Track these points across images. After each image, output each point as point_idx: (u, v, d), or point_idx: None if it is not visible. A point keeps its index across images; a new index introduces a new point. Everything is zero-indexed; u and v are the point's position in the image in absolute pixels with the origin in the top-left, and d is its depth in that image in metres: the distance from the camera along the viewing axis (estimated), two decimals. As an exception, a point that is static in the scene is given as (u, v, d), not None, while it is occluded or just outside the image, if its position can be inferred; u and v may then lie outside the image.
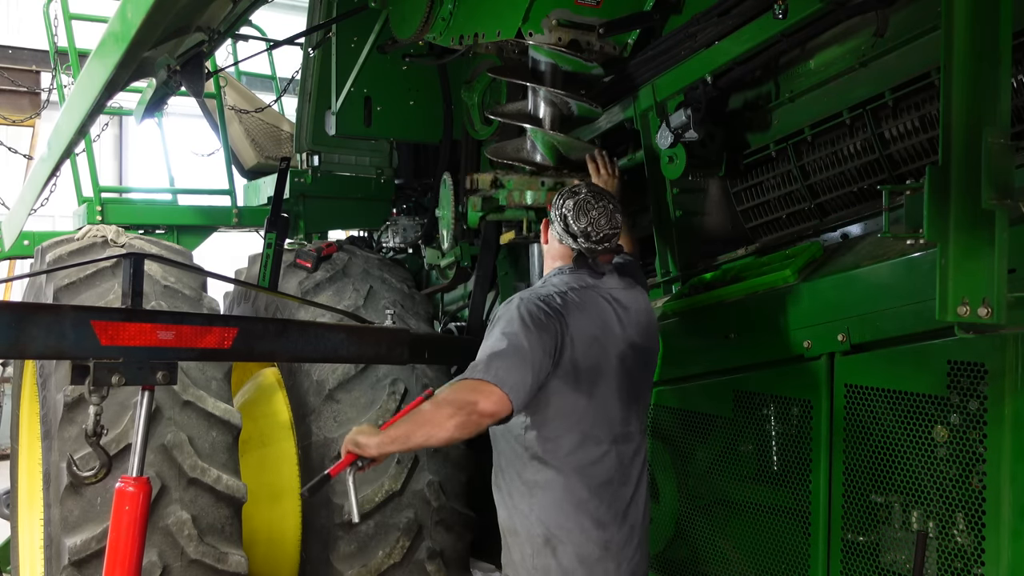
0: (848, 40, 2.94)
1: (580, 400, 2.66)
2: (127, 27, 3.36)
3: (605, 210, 2.79)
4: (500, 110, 3.88)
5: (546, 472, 2.65)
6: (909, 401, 2.38)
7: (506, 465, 2.74)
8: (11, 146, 8.70)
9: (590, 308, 2.73)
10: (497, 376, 2.48)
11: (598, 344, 2.69)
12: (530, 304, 2.63)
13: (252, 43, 6.30)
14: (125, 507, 2.45)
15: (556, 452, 2.65)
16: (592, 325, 2.70)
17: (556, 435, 2.65)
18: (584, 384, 2.66)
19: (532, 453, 2.67)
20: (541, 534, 2.65)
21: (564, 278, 2.79)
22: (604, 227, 2.77)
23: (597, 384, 2.68)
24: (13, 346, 2.32)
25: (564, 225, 2.80)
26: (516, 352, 2.52)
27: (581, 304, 2.71)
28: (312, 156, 5.34)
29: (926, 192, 1.90)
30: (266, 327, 2.80)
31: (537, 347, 2.55)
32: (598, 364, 2.68)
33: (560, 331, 2.61)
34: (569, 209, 2.80)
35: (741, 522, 2.94)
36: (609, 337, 2.72)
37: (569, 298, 2.70)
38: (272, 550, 4.15)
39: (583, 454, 2.66)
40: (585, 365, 2.65)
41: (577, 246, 2.78)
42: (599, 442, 2.68)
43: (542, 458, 2.65)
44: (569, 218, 2.79)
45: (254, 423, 4.23)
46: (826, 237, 3.05)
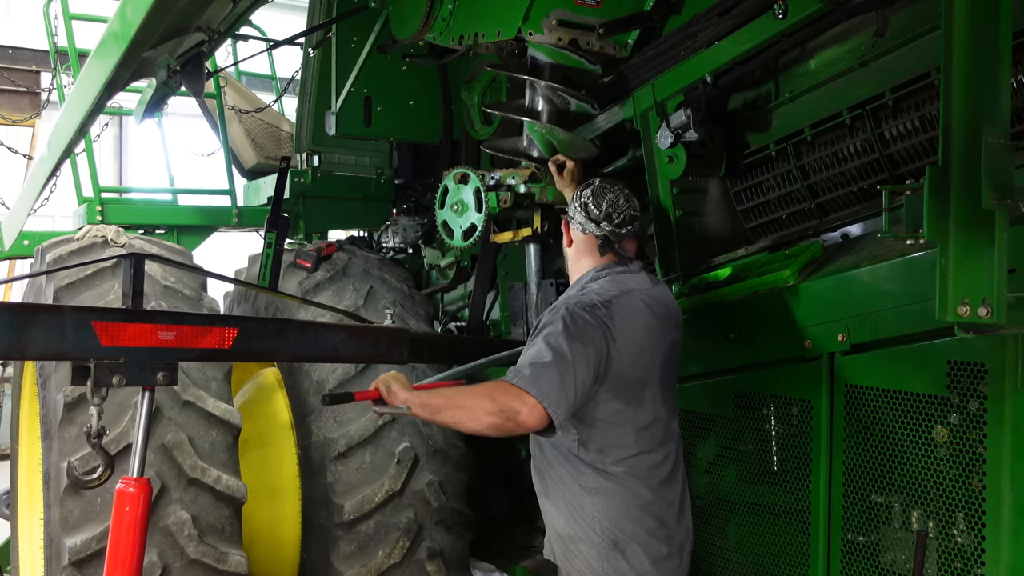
0: (848, 40, 2.94)
1: (629, 410, 2.65)
2: (127, 27, 3.36)
3: (622, 192, 2.84)
4: (498, 106, 3.87)
5: (606, 480, 2.65)
6: (909, 401, 2.38)
7: (560, 474, 2.71)
8: (11, 146, 8.70)
9: (635, 317, 2.71)
10: (541, 390, 2.49)
11: (645, 353, 2.69)
12: (576, 316, 2.62)
13: (252, 43, 6.30)
14: (126, 508, 2.44)
15: (613, 461, 2.65)
16: (639, 334, 2.69)
17: (610, 446, 2.65)
18: (633, 393, 2.66)
19: (588, 463, 2.66)
20: (609, 539, 2.64)
21: (604, 283, 2.78)
22: (624, 207, 2.81)
23: (645, 391, 2.68)
24: (14, 347, 2.31)
25: (586, 212, 2.84)
26: (560, 366, 2.52)
27: (626, 313, 2.69)
28: (312, 156, 5.34)
29: (926, 192, 1.90)
30: (266, 327, 2.79)
31: (582, 362, 2.54)
32: (645, 372, 2.69)
33: (607, 345, 2.59)
34: (588, 197, 2.85)
35: (741, 522, 2.94)
36: (654, 343, 2.73)
37: (615, 308, 2.68)
38: (272, 550, 4.15)
39: (640, 460, 2.66)
40: (633, 375, 2.65)
41: (601, 231, 2.81)
42: (653, 446, 2.69)
43: (600, 468, 2.65)
44: (590, 204, 2.83)
45: (254, 423, 4.23)
46: (826, 237, 3.05)
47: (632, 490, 2.65)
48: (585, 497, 2.67)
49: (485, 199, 3.40)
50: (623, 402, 2.64)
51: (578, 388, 2.53)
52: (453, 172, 3.55)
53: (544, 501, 2.80)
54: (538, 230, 3.58)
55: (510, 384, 2.51)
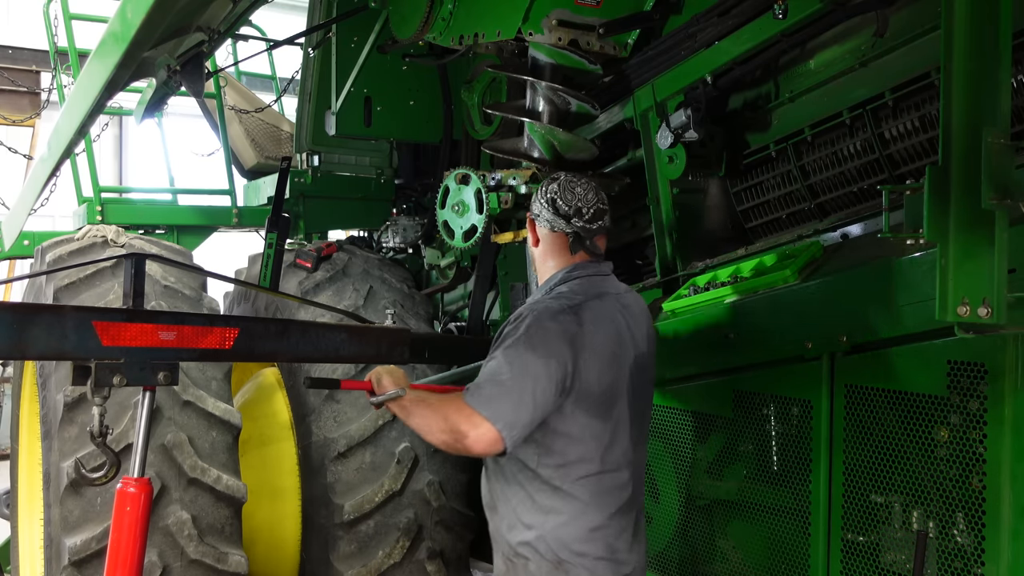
0: (848, 40, 2.94)
1: (596, 424, 2.50)
2: (127, 27, 3.36)
3: (590, 186, 2.66)
4: (499, 106, 3.87)
5: (560, 498, 2.50)
6: (909, 401, 2.38)
7: (513, 488, 2.55)
8: (11, 146, 8.70)
9: (607, 323, 2.55)
10: (494, 411, 2.36)
11: (616, 362, 2.54)
12: (540, 325, 2.46)
13: (252, 43, 6.30)
14: (126, 508, 2.44)
15: (571, 478, 2.49)
16: (610, 341, 2.53)
17: (572, 462, 2.49)
18: (602, 406, 2.50)
19: (545, 479, 2.50)
20: (552, 560, 2.50)
21: (574, 285, 2.61)
22: (594, 201, 2.64)
23: (615, 404, 2.53)
24: (14, 347, 2.32)
25: (553, 209, 2.64)
26: (520, 382, 2.38)
27: (598, 319, 2.53)
28: (312, 156, 5.35)
29: (926, 192, 1.90)
30: (267, 327, 2.79)
31: (543, 377, 2.39)
32: (615, 383, 2.53)
33: (573, 355, 2.43)
34: (555, 192, 2.65)
35: (741, 522, 2.94)
36: (624, 352, 2.57)
37: (585, 314, 2.51)
38: (272, 550, 4.15)
39: (601, 480, 2.51)
40: (602, 387, 2.50)
41: (571, 228, 2.62)
42: (617, 467, 2.54)
43: (557, 485, 2.49)
44: (557, 199, 2.63)
45: (254, 423, 4.23)
46: (826, 237, 3.05)
47: (586, 512, 2.50)
48: (536, 515, 2.51)
49: (486, 200, 3.40)
50: (590, 415, 2.48)
51: (537, 407, 2.39)
52: (454, 173, 3.55)
53: (492, 515, 2.64)
54: (538, 230, 3.58)
55: (465, 403, 2.38)
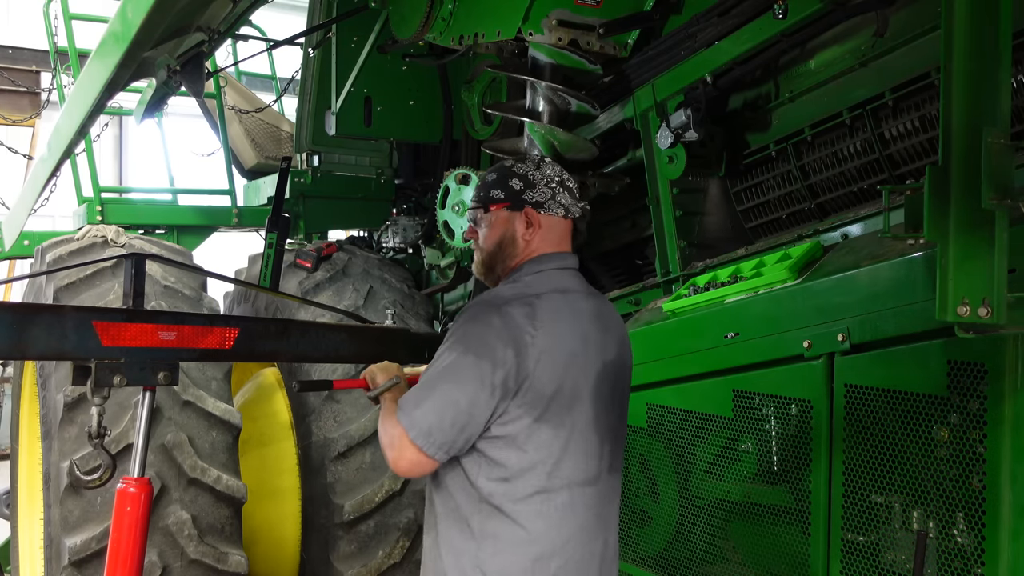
0: (848, 40, 2.94)
1: (545, 431, 2.17)
2: (127, 27, 3.36)
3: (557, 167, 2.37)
4: (499, 106, 3.87)
5: (500, 521, 2.16)
6: (909, 401, 2.38)
7: (449, 507, 2.22)
8: (11, 146, 8.70)
9: (569, 318, 2.24)
10: (411, 420, 2.11)
11: (576, 364, 2.22)
12: (484, 316, 2.18)
13: (252, 43, 6.30)
14: (126, 508, 2.45)
15: (515, 496, 2.16)
16: (571, 339, 2.22)
17: (516, 476, 2.16)
18: (554, 413, 2.18)
19: (484, 496, 2.17)
20: None
21: (539, 277, 2.30)
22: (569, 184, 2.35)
23: (571, 412, 2.21)
24: (14, 347, 2.32)
25: (567, 191, 2.32)
26: (444, 385, 2.12)
27: (558, 312, 2.23)
28: (312, 156, 5.35)
29: (926, 192, 1.90)
30: (267, 327, 2.80)
31: (473, 378, 2.11)
32: (574, 387, 2.21)
33: (519, 351, 2.13)
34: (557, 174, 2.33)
35: (741, 522, 2.94)
36: (588, 354, 2.26)
37: (542, 306, 2.20)
38: (272, 550, 4.15)
39: (548, 499, 2.18)
40: (556, 389, 2.18)
41: (580, 211, 2.34)
42: (569, 484, 2.20)
43: (497, 504, 2.16)
44: (567, 181, 2.33)
45: (254, 423, 4.23)
46: (826, 237, 3.05)
47: (528, 539, 2.16)
48: (469, 542, 2.17)
49: None
50: (538, 421, 2.15)
51: (461, 412, 2.11)
52: (454, 173, 3.56)
53: (425, 537, 2.32)
54: (538, 230, 3.58)
55: (396, 420, 2.14)
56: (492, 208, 2.33)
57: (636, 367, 2.98)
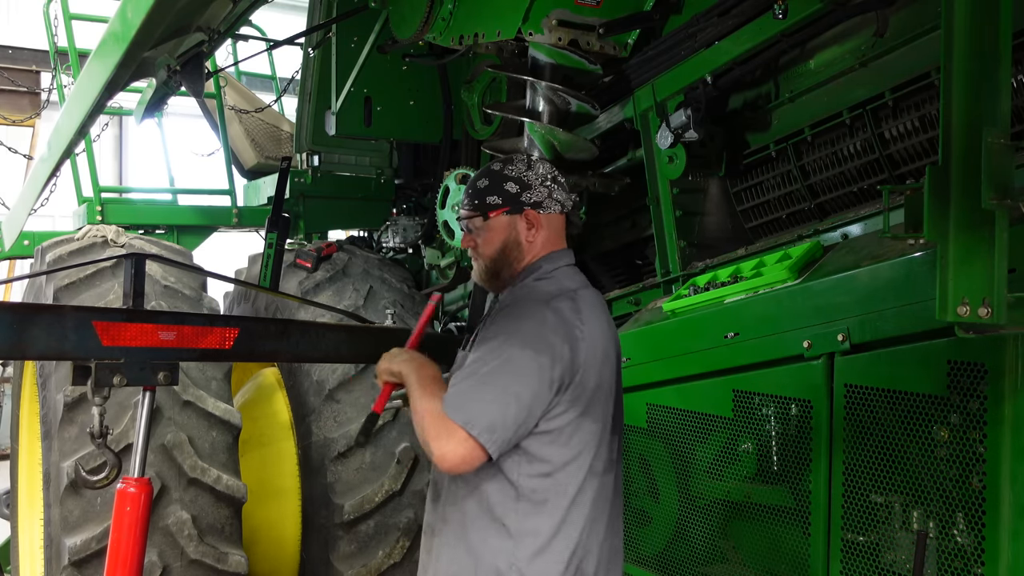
0: (848, 40, 2.94)
1: (588, 426, 2.19)
2: (127, 27, 3.36)
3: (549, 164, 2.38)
4: (499, 106, 3.87)
5: (541, 517, 2.15)
6: (909, 401, 2.38)
7: (480, 506, 2.18)
8: (11, 146, 8.70)
9: (600, 311, 2.30)
10: (469, 415, 2.05)
11: (607, 358, 2.27)
12: (540, 314, 2.16)
13: (252, 43, 6.30)
14: (126, 508, 2.45)
15: (557, 491, 2.16)
16: (605, 333, 2.27)
17: (558, 470, 2.16)
18: (595, 406, 2.21)
19: (524, 492, 2.14)
20: None
21: (570, 271, 2.33)
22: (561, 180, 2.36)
23: (606, 405, 2.26)
24: (15, 347, 2.32)
25: (560, 187, 2.32)
26: (502, 379, 2.09)
27: (594, 307, 2.27)
28: (312, 156, 5.35)
29: (926, 192, 1.90)
30: (267, 327, 2.80)
31: (533, 372, 2.09)
32: (607, 381, 2.27)
33: (572, 346, 2.15)
34: (549, 170, 2.32)
35: (741, 522, 2.94)
36: (613, 346, 2.32)
37: (583, 302, 2.24)
38: (272, 550, 4.15)
39: (583, 493, 2.20)
40: (597, 383, 2.22)
41: (573, 204, 2.36)
42: (597, 475, 2.24)
43: (539, 500, 2.15)
44: (559, 176, 2.33)
45: (254, 423, 4.23)
46: (826, 237, 3.05)
47: (571, 534, 2.17)
48: (506, 541, 2.13)
49: None
50: (584, 415, 2.17)
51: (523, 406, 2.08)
52: (455, 173, 3.56)
53: (432, 540, 2.28)
54: (538, 230, 3.58)
55: (441, 414, 2.08)
56: (492, 215, 2.31)
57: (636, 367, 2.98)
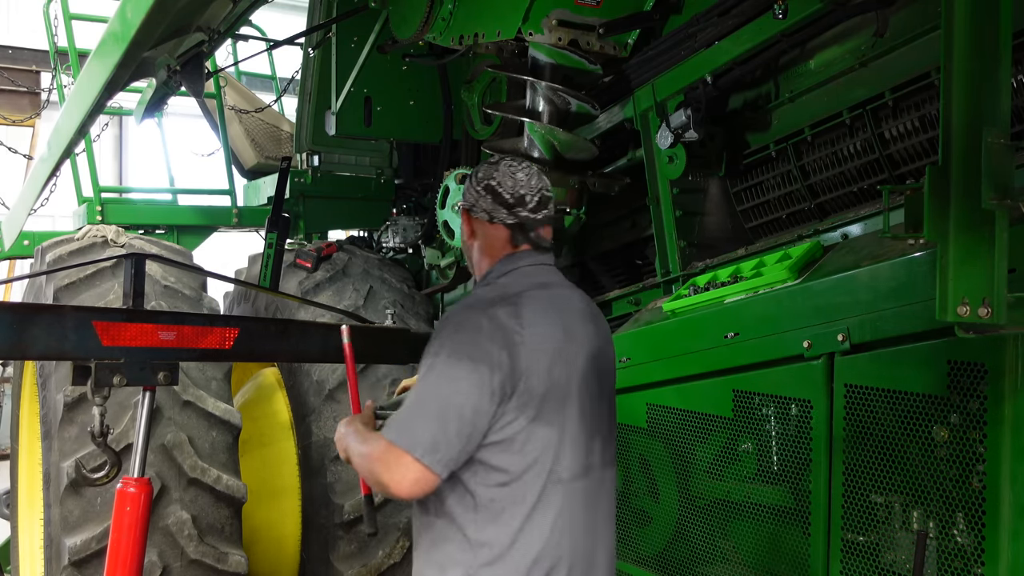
0: (848, 40, 2.94)
1: (542, 431, 2.13)
2: (127, 27, 3.36)
3: (532, 170, 2.31)
4: (499, 106, 3.87)
5: (498, 527, 2.11)
6: (909, 401, 2.38)
7: (442, 518, 2.16)
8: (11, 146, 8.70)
9: (551, 313, 2.22)
10: (411, 439, 2.03)
11: (562, 358, 2.19)
12: (470, 321, 2.14)
13: (252, 43, 6.30)
14: (126, 508, 2.45)
15: (515, 500, 2.12)
16: (555, 334, 2.19)
17: (515, 479, 2.12)
18: (548, 411, 2.15)
19: (483, 503, 2.11)
20: None
21: (515, 276, 2.27)
22: (538, 187, 2.28)
23: (563, 408, 2.18)
24: (15, 347, 2.33)
25: (493, 196, 2.26)
26: (441, 397, 2.07)
27: (540, 309, 2.20)
28: (312, 156, 5.35)
29: (926, 192, 1.90)
30: (267, 327, 2.80)
31: (473, 386, 2.06)
32: (563, 383, 2.19)
33: (511, 353, 2.09)
34: (492, 177, 2.28)
35: (741, 522, 2.94)
36: (572, 348, 2.23)
37: (526, 304, 2.18)
38: (272, 550, 4.15)
39: (545, 500, 2.14)
40: (548, 387, 2.15)
41: (514, 218, 2.26)
42: (563, 482, 2.17)
43: (496, 510, 2.11)
44: (496, 186, 2.26)
45: (254, 423, 4.23)
46: (826, 237, 3.05)
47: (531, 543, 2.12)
48: (466, 553, 2.11)
49: None
50: (535, 421, 2.12)
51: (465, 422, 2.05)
52: (454, 173, 3.56)
53: (415, 553, 2.25)
54: (538, 230, 3.58)
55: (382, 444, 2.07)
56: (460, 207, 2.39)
57: (636, 367, 2.98)
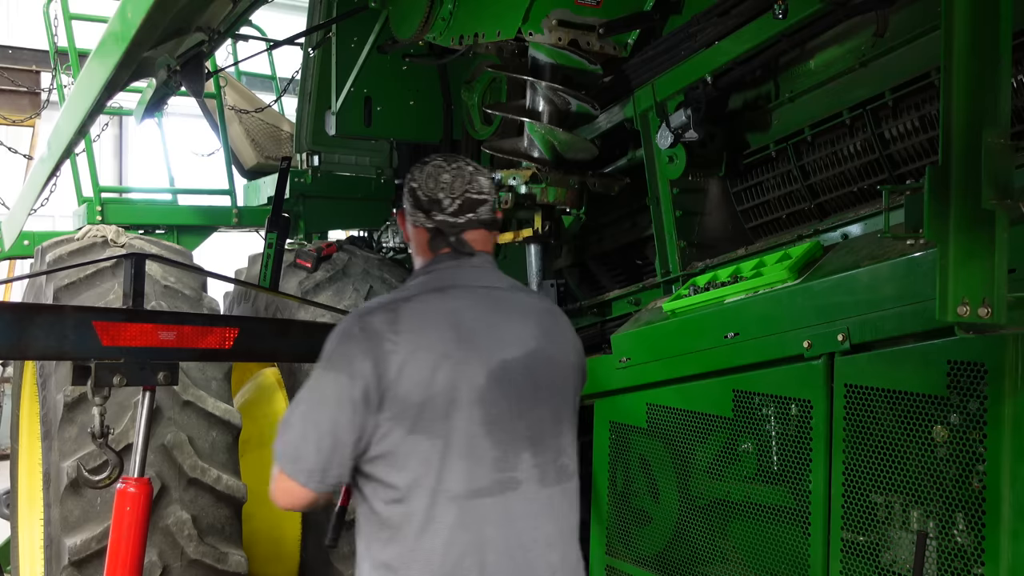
0: (848, 40, 2.94)
1: (423, 444, 2.01)
2: (127, 27, 3.36)
3: (461, 171, 2.22)
4: (499, 106, 3.87)
5: (394, 547, 2.02)
6: (909, 401, 2.38)
7: (359, 534, 2.13)
8: (11, 146, 8.70)
9: (438, 318, 2.10)
10: (280, 452, 2.07)
11: (448, 366, 2.05)
12: (345, 331, 2.08)
13: (252, 43, 6.31)
14: (126, 508, 2.45)
15: (409, 517, 2.01)
16: (441, 341, 2.07)
17: (406, 495, 2.01)
18: (428, 422, 2.02)
19: (384, 521, 2.04)
20: None
21: (422, 280, 2.21)
22: (461, 190, 2.19)
23: (449, 419, 2.04)
24: (15, 347, 2.33)
25: (412, 199, 2.22)
26: (308, 410, 2.06)
27: (425, 313, 2.10)
28: (312, 156, 5.35)
29: (926, 192, 1.90)
30: (267, 327, 2.80)
31: (333, 398, 2.02)
32: (450, 392, 2.04)
33: (378, 363, 2.01)
34: (417, 179, 2.23)
35: (741, 522, 2.94)
36: (471, 352, 2.09)
37: (406, 311, 2.09)
38: (272, 550, 4.15)
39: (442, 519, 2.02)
40: (427, 396, 2.02)
41: (432, 223, 2.20)
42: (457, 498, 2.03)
43: (395, 527, 2.03)
44: (418, 190, 2.21)
45: (254, 423, 4.23)
46: (826, 237, 3.05)
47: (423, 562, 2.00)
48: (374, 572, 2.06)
49: None
50: (413, 432, 2.01)
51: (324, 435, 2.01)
52: None
53: None
54: (539, 231, 3.58)
55: None
56: None
57: (636, 367, 2.98)
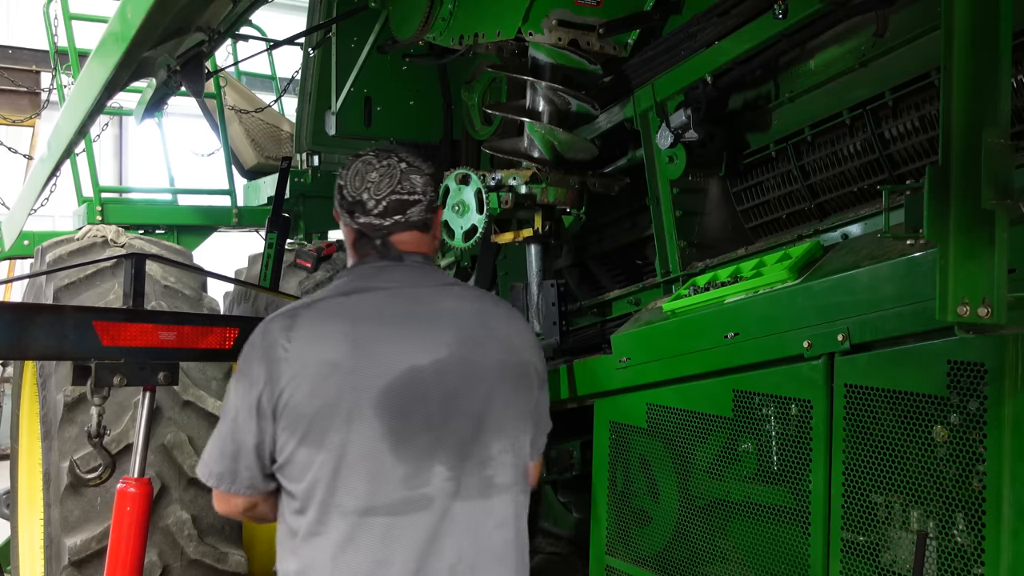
0: (848, 40, 2.94)
1: (317, 456, 1.94)
2: (127, 27, 3.36)
3: (391, 170, 2.08)
4: (499, 106, 3.87)
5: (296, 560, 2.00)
6: (909, 401, 2.38)
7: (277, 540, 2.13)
8: (11, 146, 8.70)
9: (333, 325, 2.01)
10: (203, 460, 2.08)
11: (340, 375, 1.96)
12: (253, 338, 2.05)
13: (252, 43, 6.31)
14: (127, 508, 2.45)
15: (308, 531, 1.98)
16: (335, 350, 1.97)
17: (304, 508, 1.97)
18: (319, 433, 1.94)
19: (293, 531, 2.02)
20: None
21: (337, 284, 2.12)
22: (387, 190, 2.07)
23: (346, 430, 1.95)
24: (15, 347, 2.33)
25: (340, 198, 2.12)
26: (222, 420, 2.07)
27: (324, 320, 2.02)
28: (312, 156, 5.34)
29: (926, 192, 1.90)
30: (266, 327, 2.80)
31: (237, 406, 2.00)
32: (346, 401, 1.96)
33: (271, 371, 1.96)
34: (342, 176, 2.12)
35: (740, 522, 2.94)
36: (365, 363, 1.98)
37: (303, 318, 2.02)
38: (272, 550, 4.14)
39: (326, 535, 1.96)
40: (320, 406, 1.94)
41: (356, 224, 2.11)
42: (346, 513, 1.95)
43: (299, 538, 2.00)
44: (344, 188, 2.11)
45: (254, 423, 4.23)
46: (826, 237, 3.05)
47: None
48: None
49: (486, 200, 3.40)
50: (304, 443, 1.94)
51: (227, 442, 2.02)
52: (454, 173, 3.55)
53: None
54: (539, 231, 3.58)
55: None
56: None
57: (636, 367, 2.98)
